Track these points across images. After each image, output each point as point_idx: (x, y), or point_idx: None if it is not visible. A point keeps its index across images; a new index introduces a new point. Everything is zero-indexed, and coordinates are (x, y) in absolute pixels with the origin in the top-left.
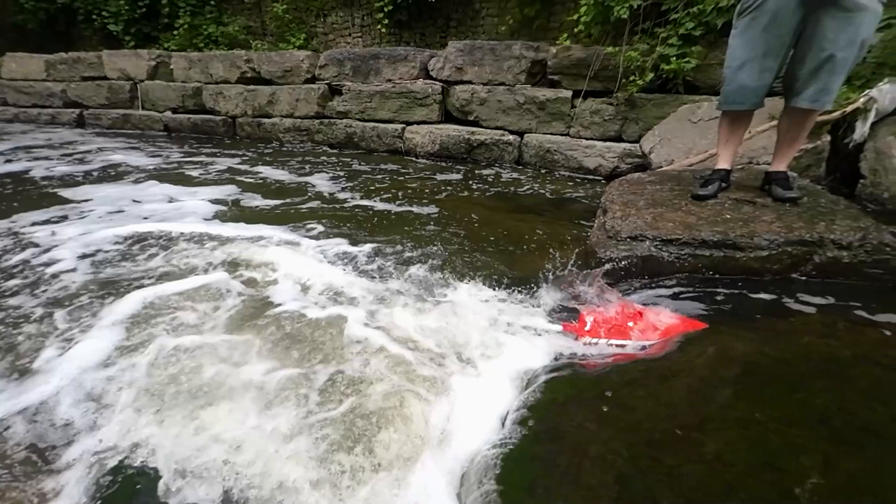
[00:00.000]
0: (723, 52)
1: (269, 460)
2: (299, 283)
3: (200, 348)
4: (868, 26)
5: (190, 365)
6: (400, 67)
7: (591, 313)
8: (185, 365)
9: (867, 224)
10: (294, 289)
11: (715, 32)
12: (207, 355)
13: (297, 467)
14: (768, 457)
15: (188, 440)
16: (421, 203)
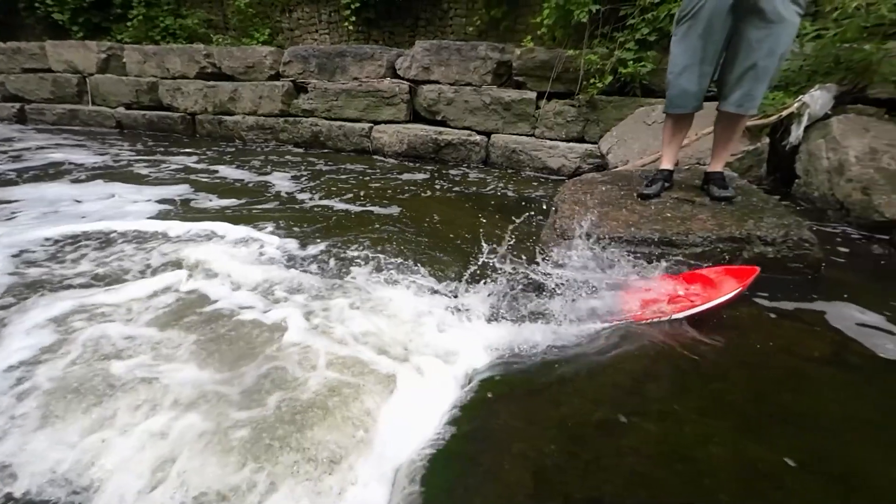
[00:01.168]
0: None
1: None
2: (238, 282)
3: (123, 350)
4: (786, 37)
5: (105, 367)
6: (367, 66)
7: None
8: (98, 368)
9: (790, 221)
10: (232, 288)
11: (669, 38)
12: (127, 357)
13: (209, 471)
14: (681, 447)
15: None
16: (382, 203)
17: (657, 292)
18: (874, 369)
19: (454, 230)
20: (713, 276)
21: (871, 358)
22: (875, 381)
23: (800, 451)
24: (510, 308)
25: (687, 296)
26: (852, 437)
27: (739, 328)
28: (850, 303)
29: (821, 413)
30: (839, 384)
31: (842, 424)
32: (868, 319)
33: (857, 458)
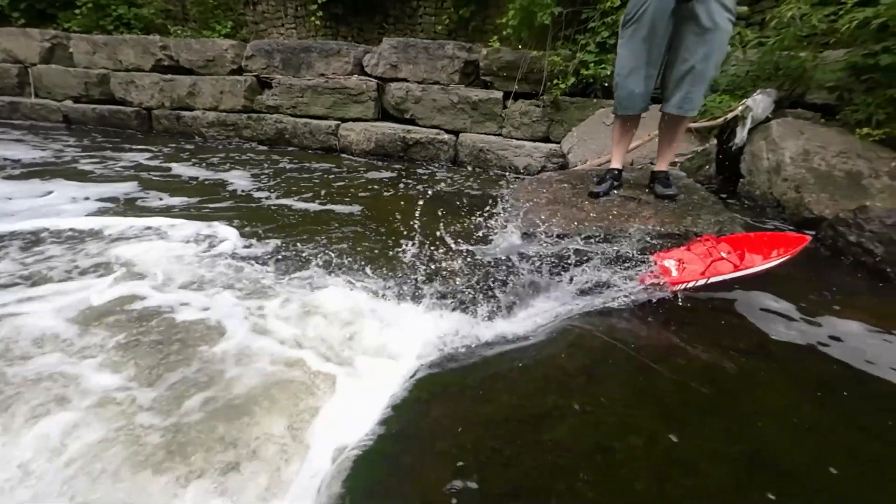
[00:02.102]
0: None
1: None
2: (176, 281)
3: (35, 351)
4: (720, 43)
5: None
6: (333, 62)
7: (667, 255)
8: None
9: (724, 218)
10: (168, 288)
11: None
12: (38, 356)
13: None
14: (603, 439)
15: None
16: (344, 202)
17: (695, 253)
18: (788, 358)
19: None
20: (760, 241)
21: (786, 347)
22: (788, 369)
23: (713, 439)
24: (456, 305)
25: (730, 258)
26: (763, 423)
27: (673, 321)
28: (775, 295)
29: (737, 402)
30: (756, 373)
31: (754, 412)
32: (786, 309)
33: (764, 443)
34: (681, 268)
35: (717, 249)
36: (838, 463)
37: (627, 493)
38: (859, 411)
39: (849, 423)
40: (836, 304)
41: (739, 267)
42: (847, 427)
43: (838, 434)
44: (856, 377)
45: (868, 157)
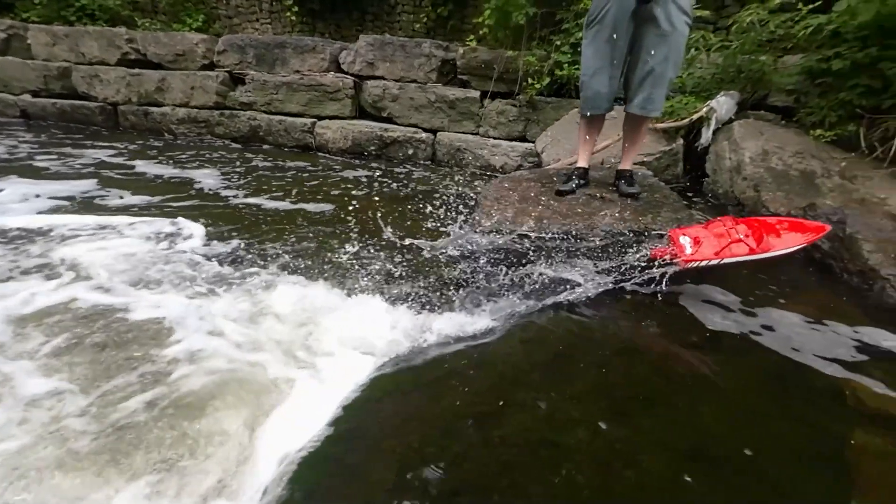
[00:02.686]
0: None
1: None
2: (127, 280)
3: None
4: (678, 45)
5: None
6: (309, 58)
7: (684, 232)
8: None
9: (682, 215)
10: (119, 288)
11: None
12: None
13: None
14: (550, 434)
15: None
16: (316, 200)
17: (713, 232)
18: (735, 351)
19: (382, 228)
20: (780, 226)
21: (734, 339)
22: (734, 360)
23: (658, 430)
24: (416, 304)
25: (747, 241)
26: (707, 414)
27: (631, 316)
28: (728, 290)
29: (683, 394)
30: (705, 366)
31: (700, 403)
32: (736, 303)
33: (706, 434)
34: (696, 246)
35: (735, 231)
36: (774, 452)
37: (569, 486)
38: (797, 401)
39: (786, 413)
40: (782, 298)
41: (755, 251)
42: (784, 417)
43: (776, 424)
44: (796, 368)
45: (821, 157)
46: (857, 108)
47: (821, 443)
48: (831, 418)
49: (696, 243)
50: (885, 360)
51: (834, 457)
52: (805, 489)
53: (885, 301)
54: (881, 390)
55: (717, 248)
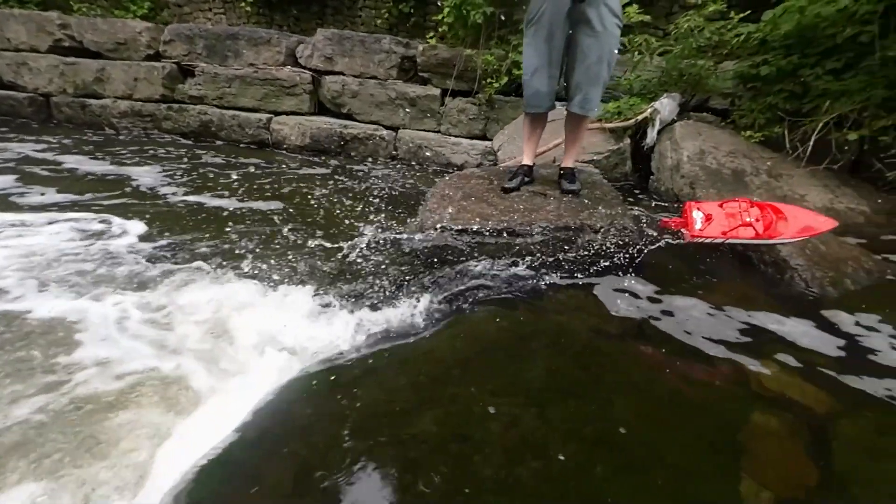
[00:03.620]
0: None
1: None
2: (37, 280)
3: None
4: (610, 46)
5: None
6: (263, 51)
7: (699, 206)
8: None
9: (617, 212)
10: (17, 290)
11: None
12: None
13: None
14: (463, 429)
15: None
16: (266, 199)
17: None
18: (651, 340)
19: (332, 226)
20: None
21: (653, 329)
22: (648, 350)
23: (569, 420)
24: (346, 303)
25: (755, 226)
26: (619, 403)
27: (560, 308)
28: (652, 281)
29: (598, 383)
30: (624, 356)
31: (613, 392)
32: (659, 294)
33: (615, 422)
34: (706, 222)
35: (748, 213)
36: (678, 437)
37: (475, 479)
38: (704, 387)
39: (692, 400)
40: (702, 289)
41: (761, 236)
42: (690, 403)
43: (682, 410)
44: (706, 355)
45: (752, 156)
46: (780, 112)
47: (722, 426)
48: (734, 403)
49: (707, 220)
50: (786, 345)
51: (732, 439)
52: (702, 471)
53: (793, 290)
54: (781, 374)
55: (725, 228)
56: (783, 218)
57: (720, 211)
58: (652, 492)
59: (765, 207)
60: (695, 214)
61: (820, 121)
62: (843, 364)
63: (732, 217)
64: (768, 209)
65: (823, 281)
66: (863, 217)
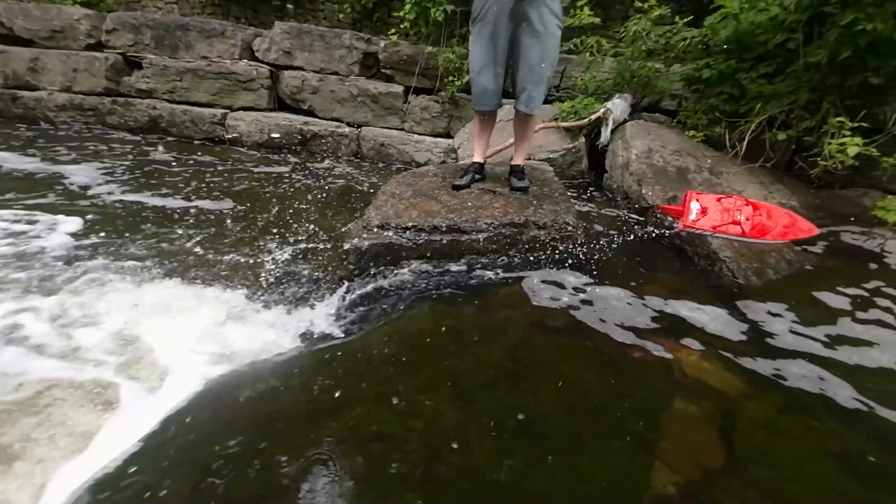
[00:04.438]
0: None
1: None
2: None
3: None
4: (551, 47)
5: None
6: (217, 44)
7: (698, 198)
8: None
9: (561, 208)
10: None
11: None
12: None
13: None
14: (384, 427)
15: None
16: (215, 198)
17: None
18: (592, 333)
19: (281, 226)
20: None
21: (585, 321)
22: (579, 342)
23: (493, 414)
24: (277, 304)
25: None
26: (545, 393)
27: (503, 304)
28: (594, 274)
29: (527, 376)
30: (557, 349)
31: (541, 384)
32: (592, 287)
33: (541, 413)
34: (700, 214)
35: (739, 212)
36: (600, 425)
37: (390, 478)
38: (630, 377)
39: (618, 389)
40: (637, 281)
41: (745, 234)
42: (615, 392)
43: (607, 399)
44: (635, 345)
45: (695, 154)
46: (720, 113)
47: (643, 413)
48: (657, 390)
49: (702, 212)
50: (708, 334)
51: (651, 425)
52: (619, 457)
53: (722, 280)
54: (701, 361)
55: (716, 223)
56: (771, 219)
57: (717, 205)
58: (568, 479)
59: (758, 207)
60: (692, 205)
61: (753, 121)
62: (755, 349)
63: (726, 212)
64: (761, 210)
65: (748, 271)
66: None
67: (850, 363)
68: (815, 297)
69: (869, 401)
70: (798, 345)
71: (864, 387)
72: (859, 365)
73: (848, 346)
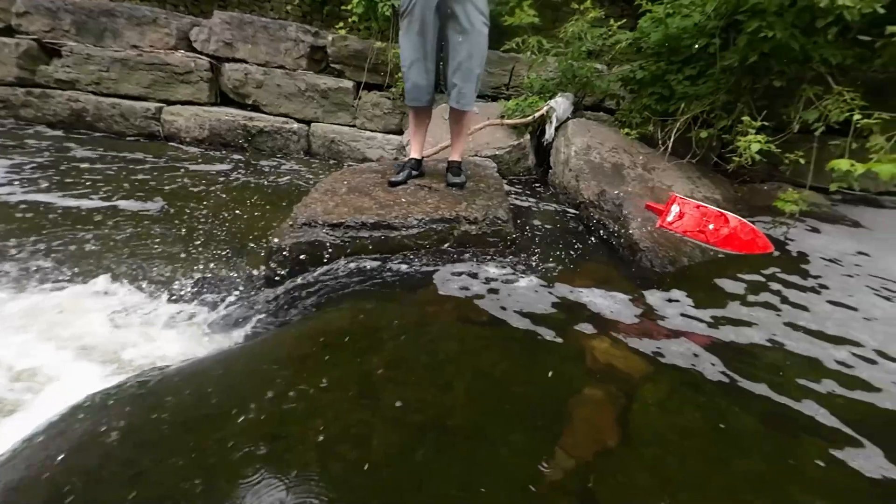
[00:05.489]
0: None
1: None
2: None
3: None
4: (479, 44)
5: None
6: (149, 32)
7: (681, 203)
8: None
9: (493, 203)
10: None
11: None
12: None
13: None
14: (279, 428)
15: None
16: (139, 198)
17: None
18: (514, 325)
19: (208, 226)
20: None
21: (516, 314)
22: (499, 333)
23: (401, 408)
24: (185, 308)
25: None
26: (458, 387)
27: (428, 299)
28: (521, 269)
29: (443, 370)
30: (478, 342)
31: (456, 377)
32: (528, 280)
33: (449, 406)
34: (677, 218)
35: (708, 221)
36: (510, 416)
37: (281, 478)
38: (545, 366)
39: (532, 378)
40: (562, 273)
41: (708, 241)
42: (529, 381)
43: (521, 388)
44: (552, 334)
45: (631, 151)
46: (650, 112)
47: (553, 401)
48: (570, 377)
49: (679, 216)
50: (622, 320)
51: (558, 413)
52: (521, 446)
53: (643, 269)
54: (611, 347)
55: (686, 229)
56: (736, 230)
57: (695, 212)
58: (466, 470)
59: (728, 221)
60: (672, 208)
61: (679, 120)
62: (662, 334)
63: (698, 221)
64: (730, 223)
65: (665, 260)
66: (715, 204)
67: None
68: (716, 283)
69: (743, 378)
70: (699, 328)
71: (745, 363)
72: (733, 342)
73: (730, 326)
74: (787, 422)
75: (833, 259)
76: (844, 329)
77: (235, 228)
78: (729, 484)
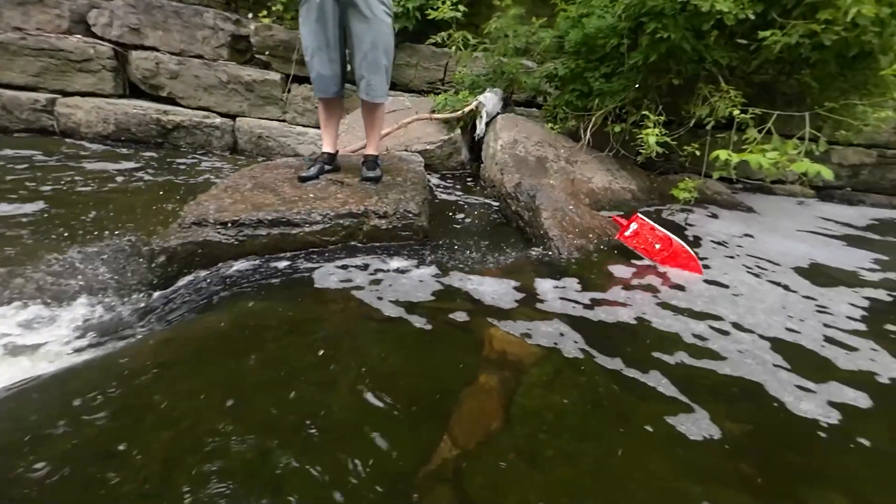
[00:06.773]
0: (408, 54)
1: None
2: None
3: None
4: (383, 34)
5: None
6: (35, 13)
7: (640, 223)
8: None
9: (404, 197)
10: None
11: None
12: None
13: None
14: (115, 444)
15: None
16: (15, 200)
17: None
18: (408, 319)
19: (94, 230)
20: (678, 256)
21: (415, 308)
22: (402, 330)
23: (268, 412)
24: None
25: (651, 252)
26: (343, 386)
27: (327, 296)
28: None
29: (326, 368)
30: (375, 337)
31: (341, 375)
32: (437, 275)
33: (327, 406)
34: (633, 234)
35: (656, 241)
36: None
37: (109, 496)
38: (444, 358)
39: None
40: (476, 264)
41: (651, 258)
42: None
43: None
44: (456, 326)
45: (555, 145)
46: (570, 108)
47: (447, 391)
48: (466, 366)
49: (635, 234)
50: (523, 305)
51: (450, 404)
52: (407, 439)
53: (552, 257)
54: (508, 336)
55: (637, 245)
56: (677, 253)
57: (651, 233)
58: (336, 469)
59: (671, 245)
60: (631, 225)
61: (595, 115)
62: (558, 318)
63: (648, 242)
64: (673, 246)
65: (571, 247)
66: (630, 194)
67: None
68: (610, 269)
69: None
70: (588, 313)
71: (622, 342)
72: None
73: (616, 307)
74: (639, 391)
75: (721, 241)
76: (711, 305)
77: (127, 231)
78: (600, 456)
